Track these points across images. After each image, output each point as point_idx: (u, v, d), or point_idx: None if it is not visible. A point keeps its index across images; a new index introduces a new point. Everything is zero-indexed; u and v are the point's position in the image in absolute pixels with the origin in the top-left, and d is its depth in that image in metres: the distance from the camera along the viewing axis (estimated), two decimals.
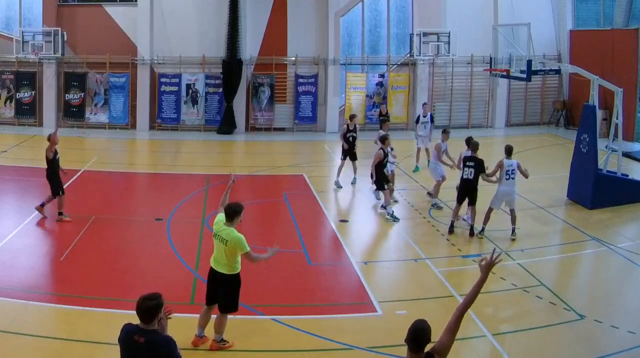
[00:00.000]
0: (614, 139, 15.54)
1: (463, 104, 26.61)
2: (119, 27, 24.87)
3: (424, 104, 20.13)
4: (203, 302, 9.51)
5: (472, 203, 12.70)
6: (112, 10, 24.93)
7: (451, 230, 12.79)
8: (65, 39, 24.16)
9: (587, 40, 25.20)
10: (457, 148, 22.47)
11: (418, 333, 4.86)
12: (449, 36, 24.85)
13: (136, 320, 5.28)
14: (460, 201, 12.84)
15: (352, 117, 17.16)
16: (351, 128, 16.67)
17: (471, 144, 12.95)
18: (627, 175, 15.89)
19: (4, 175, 16.82)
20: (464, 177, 12.69)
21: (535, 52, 16.78)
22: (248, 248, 7.74)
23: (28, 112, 24.85)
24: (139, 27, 24.53)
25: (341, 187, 16.35)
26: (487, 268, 5.26)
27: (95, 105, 24.99)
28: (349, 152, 16.59)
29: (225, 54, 24.35)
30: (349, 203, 15.84)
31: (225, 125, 24.54)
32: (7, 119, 24.74)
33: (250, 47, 24.96)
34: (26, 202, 14.56)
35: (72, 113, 24.89)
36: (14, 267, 10.56)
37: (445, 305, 9.50)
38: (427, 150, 18.39)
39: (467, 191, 12.71)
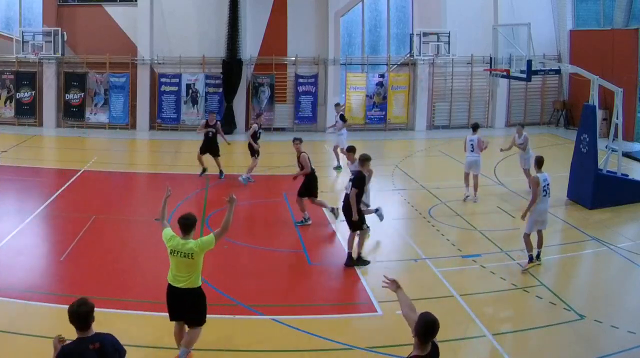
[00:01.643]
0: (614, 139, 15.54)
1: (463, 104, 26.61)
2: (119, 27, 24.88)
3: (336, 104, 20.51)
4: None
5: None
6: (112, 10, 24.94)
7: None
8: (65, 39, 24.18)
9: (587, 40, 25.20)
10: (458, 148, 22.53)
11: (434, 326, 5.36)
12: (449, 36, 24.86)
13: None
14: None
15: (259, 115, 17.92)
16: (260, 126, 17.22)
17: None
18: (627, 175, 15.89)
19: (4, 175, 16.82)
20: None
21: (535, 52, 16.79)
22: (213, 237, 7.51)
23: (28, 112, 24.85)
24: (139, 27, 24.53)
25: (253, 181, 16.71)
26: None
27: (95, 105, 24.99)
28: (253, 149, 16.97)
29: (225, 54, 24.36)
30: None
31: (225, 125, 24.51)
32: (7, 119, 24.75)
33: (250, 47, 24.97)
34: (26, 202, 14.57)
35: (72, 113, 24.89)
36: (14, 267, 10.56)
37: (445, 305, 9.50)
38: (340, 149, 18.58)
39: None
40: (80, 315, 5.09)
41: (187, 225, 7.42)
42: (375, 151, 23.02)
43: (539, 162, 11.17)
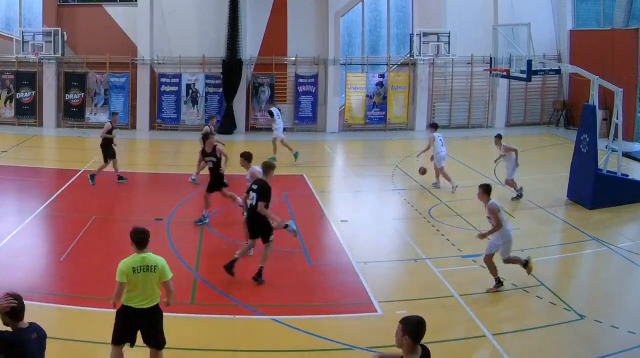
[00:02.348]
0: (614, 139, 15.54)
1: (463, 104, 26.61)
2: (119, 27, 24.87)
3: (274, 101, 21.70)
4: (203, 301, 9.57)
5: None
6: (112, 10, 24.94)
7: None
8: (65, 39, 24.17)
9: (587, 40, 25.20)
10: (458, 148, 22.57)
11: (423, 324, 5.15)
12: (449, 36, 24.86)
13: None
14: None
15: (210, 118, 18.00)
16: (212, 129, 17.13)
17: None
18: (627, 175, 15.89)
19: (4, 175, 16.81)
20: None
21: (535, 52, 16.80)
22: (169, 278, 7.17)
23: (28, 112, 24.85)
24: (139, 27, 24.53)
25: (198, 183, 16.47)
26: None
27: (95, 105, 24.99)
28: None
29: (225, 54, 24.36)
30: (349, 204, 15.83)
31: (225, 125, 24.53)
32: (7, 119, 24.75)
33: (250, 47, 24.97)
34: (26, 202, 14.57)
35: (72, 113, 24.89)
36: (14, 267, 10.56)
37: (446, 305, 9.51)
38: (280, 141, 19.36)
39: None
40: (22, 308, 5.42)
41: (143, 239, 7.02)
42: (375, 151, 23.13)
43: (488, 190, 10.26)
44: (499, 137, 15.73)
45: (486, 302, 9.70)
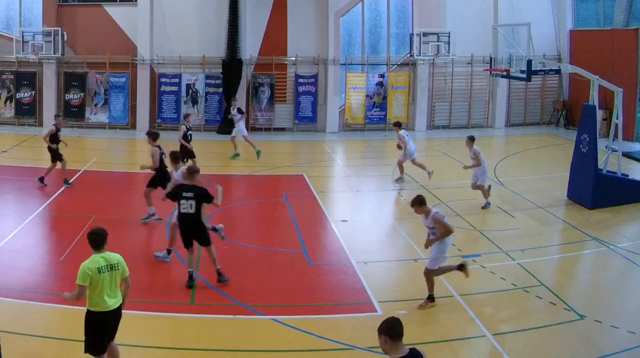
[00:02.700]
0: (614, 139, 15.54)
1: (463, 104, 26.62)
2: (119, 27, 24.88)
3: (233, 99, 22.62)
4: (203, 301, 9.57)
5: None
6: (112, 10, 24.94)
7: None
8: (65, 39, 24.17)
9: (587, 40, 25.20)
10: (458, 148, 22.55)
11: (397, 325, 5.11)
12: (449, 36, 24.86)
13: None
14: None
15: (186, 116, 17.85)
16: (189, 127, 16.99)
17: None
18: (627, 175, 15.89)
19: (4, 175, 16.81)
20: None
21: (535, 52, 16.78)
22: (127, 275, 7.15)
23: (28, 112, 24.86)
24: (139, 27, 24.53)
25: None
26: None
27: (95, 105, 24.99)
28: (189, 151, 16.71)
29: (225, 54, 24.37)
30: (349, 204, 15.83)
31: (225, 125, 24.53)
32: (7, 119, 24.75)
33: (250, 47, 24.97)
34: (26, 202, 14.57)
35: (72, 113, 24.88)
36: (14, 267, 10.56)
37: (446, 305, 9.50)
38: (244, 138, 19.77)
39: None
40: None
41: (101, 240, 6.94)
42: (375, 151, 23.12)
43: (423, 201, 9.56)
44: (471, 139, 14.92)
45: (486, 302, 9.70)
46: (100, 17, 24.82)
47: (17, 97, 24.74)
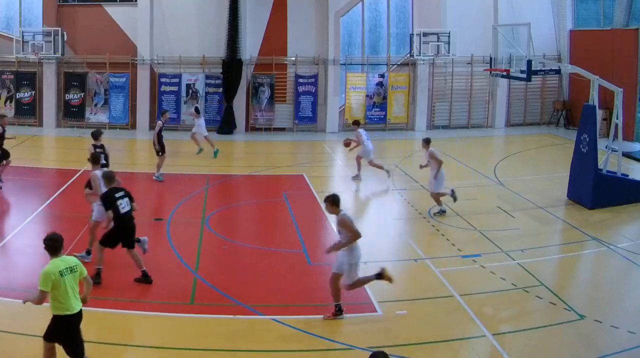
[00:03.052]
0: (614, 139, 15.54)
1: (463, 104, 26.61)
2: (119, 27, 24.88)
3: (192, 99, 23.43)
4: (203, 301, 9.58)
5: None
6: (112, 10, 24.94)
7: None
8: (65, 39, 24.17)
9: (587, 40, 25.19)
10: (458, 148, 22.58)
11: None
12: (449, 36, 24.86)
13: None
14: None
15: (163, 112, 18.01)
16: (164, 123, 17.40)
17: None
18: (627, 175, 15.89)
19: (4, 175, 16.80)
20: None
21: (535, 52, 16.78)
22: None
23: (28, 112, 24.85)
24: (139, 27, 24.53)
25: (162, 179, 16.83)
26: None
27: (95, 105, 24.99)
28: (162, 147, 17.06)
29: (225, 54, 24.36)
30: (349, 204, 15.83)
31: (225, 125, 24.55)
32: (7, 119, 24.68)
33: (250, 47, 24.97)
34: (26, 202, 14.57)
35: (72, 113, 24.89)
36: (14, 267, 10.56)
37: (445, 305, 9.50)
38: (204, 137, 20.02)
39: None
40: None
41: (59, 246, 7.07)
42: (375, 151, 23.07)
43: (337, 201, 8.88)
44: (426, 141, 14.44)
45: (486, 302, 9.70)
46: (100, 17, 24.82)
47: (17, 97, 24.74)
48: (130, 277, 10.47)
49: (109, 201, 9.91)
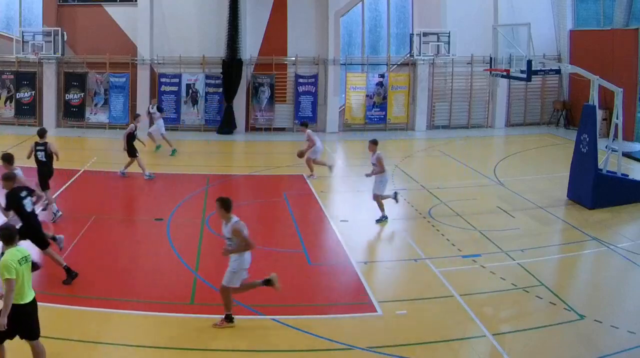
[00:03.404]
0: (614, 139, 15.54)
1: (463, 104, 26.61)
2: (119, 27, 24.88)
3: (152, 98, 23.45)
4: (203, 301, 9.58)
5: None
6: (112, 10, 24.94)
7: None
8: (65, 39, 24.17)
9: (587, 40, 25.19)
10: (458, 148, 22.58)
11: None
12: (449, 36, 24.86)
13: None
14: None
15: (137, 116, 18.37)
16: (137, 129, 17.53)
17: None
18: (627, 175, 15.89)
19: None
20: None
21: (535, 52, 16.78)
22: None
23: (28, 112, 24.85)
24: (139, 27, 24.53)
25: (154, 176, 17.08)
26: None
27: (95, 105, 24.99)
28: (130, 149, 17.21)
29: (225, 54, 24.36)
30: (349, 204, 15.83)
31: (225, 125, 24.55)
32: (7, 119, 24.74)
33: (250, 47, 24.97)
34: None
35: (72, 113, 24.89)
36: None
37: (445, 305, 9.51)
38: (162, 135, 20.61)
39: None
40: None
41: (14, 235, 7.10)
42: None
43: (228, 205, 8.56)
44: (374, 142, 13.80)
45: (486, 302, 9.70)
46: (100, 17, 24.82)
47: (17, 97, 24.73)
48: (130, 278, 10.48)
49: (13, 200, 9.78)
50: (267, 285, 8.81)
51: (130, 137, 17.10)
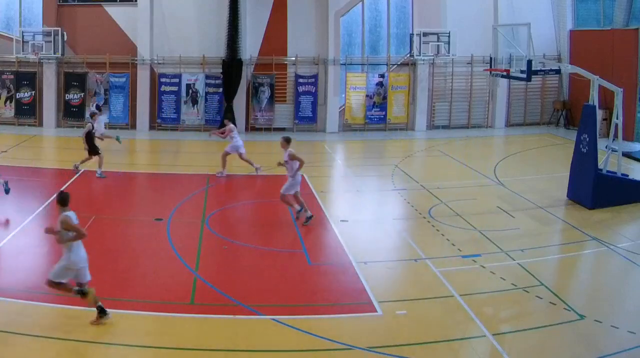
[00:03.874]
0: (614, 139, 15.54)
1: (463, 104, 26.62)
2: (119, 27, 24.88)
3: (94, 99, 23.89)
4: (203, 301, 9.59)
5: None
6: (112, 10, 24.95)
7: None
8: (65, 39, 24.18)
9: (587, 40, 25.20)
10: (458, 148, 22.59)
11: None
12: (449, 36, 24.87)
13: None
14: None
15: (93, 115, 18.65)
16: (94, 127, 17.79)
17: None
18: (627, 175, 15.89)
19: (4, 175, 16.80)
20: None
21: (535, 52, 16.78)
22: None
23: (28, 112, 24.85)
24: (139, 27, 24.54)
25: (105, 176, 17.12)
26: None
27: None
28: (90, 147, 17.32)
29: (225, 54, 24.36)
30: (349, 204, 15.84)
31: (225, 125, 24.51)
32: (7, 119, 24.75)
33: (250, 47, 24.97)
34: (26, 202, 14.57)
35: (72, 113, 24.89)
36: (14, 267, 10.56)
37: (445, 305, 9.51)
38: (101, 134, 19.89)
39: None
40: None
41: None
42: (375, 151, 23.13)
43: (63, 200, 8.97)
44: (286, 140, 13.47)
45: (486, 302, 9.70)
46: (100, 17, 24.83)
47: (17, 97, 24.73)
48: (130, 278, 10.48)
49: None
50: (79, 295, 8.59)
51: (89, 136, 17.22)
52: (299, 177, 13.45)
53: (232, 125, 18.10)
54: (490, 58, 18.98)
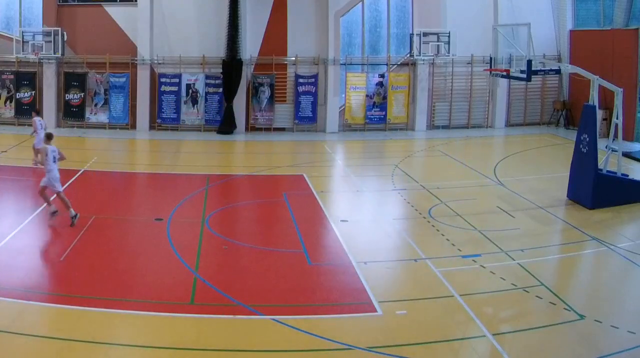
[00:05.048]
0: (614, 139, 15.54)
1: (463, 104, 26.62)
2: (119, 27, 24.88)
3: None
4: (203, 301, 9.59)
5: None
6: (112, 10, 24.95)
7: None
8: (65, 39, 24.18)
9: (587, 40, 25.20)
10: (458, 148, 22.59)
11: None
12: (449, 36, 24.88)
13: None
14: None
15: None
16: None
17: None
18: (627, 175, 15.90)
19: (4, 175, 16.81)
20: None
21: (535, 52, 16.78)
22: None
23: (28, 112, 24.81)
24: (139, 27, 24.54)
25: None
26: None
27: (95, 105, 24.99)
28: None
29: (225, 54, 24.36)
30: (349, 204, 15.84)
31: (225, 125, 24.55)
32: (7, 119, 24.75)
33: (250, 47, 24.97)
34: (26, 202, 14.57)
35: (72, 113, 24.89)
36: (14, 267, 10.56)
37: (445, 305, 9.51)
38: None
39: None
40: None
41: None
42: (375, 151, 23.13)
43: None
44: (48, 136, 13.20)
45: (486, 302, 9.70)
46: (100, 17, 24.83)
47: (17, 97, 24.73)
48: (130, 278, 10.48)
49: None
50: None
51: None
52: (57, 176, 12.97)
53: (37, 118, 17.99)
54: (490, 58, 18.99)
